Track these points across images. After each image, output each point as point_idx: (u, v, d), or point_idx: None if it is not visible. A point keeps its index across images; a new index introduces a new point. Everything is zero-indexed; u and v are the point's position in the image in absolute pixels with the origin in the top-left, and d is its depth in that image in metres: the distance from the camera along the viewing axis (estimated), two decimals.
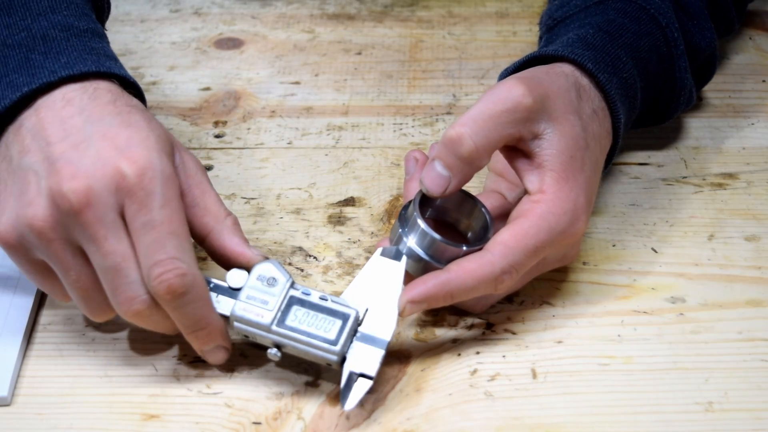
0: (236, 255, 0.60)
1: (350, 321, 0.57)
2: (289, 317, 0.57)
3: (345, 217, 0.72)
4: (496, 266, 0.58)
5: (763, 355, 0.61)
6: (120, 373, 0.61)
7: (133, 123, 0.57)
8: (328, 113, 0.82)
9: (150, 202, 0.55)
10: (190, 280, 0.55)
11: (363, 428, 0.57)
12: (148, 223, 0.54)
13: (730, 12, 0.79)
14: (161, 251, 0.54)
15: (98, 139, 0.56)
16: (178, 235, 0.55)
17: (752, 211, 0.72)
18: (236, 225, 0.61)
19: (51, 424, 0.58)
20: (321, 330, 0.57)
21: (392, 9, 0.95)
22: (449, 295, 0.58)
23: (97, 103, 0.58)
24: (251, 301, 0.58)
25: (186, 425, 0.58)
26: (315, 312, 0.57)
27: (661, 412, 0.58)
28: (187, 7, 0.96)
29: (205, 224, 0.60)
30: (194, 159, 0.61)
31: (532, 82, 0.60)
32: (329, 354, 0.56)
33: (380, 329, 0.57)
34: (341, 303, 0.58)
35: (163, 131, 0.59)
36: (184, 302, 0.56)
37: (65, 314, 0.64)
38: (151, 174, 0.55)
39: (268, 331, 0.57)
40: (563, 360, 0.61)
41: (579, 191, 0.60)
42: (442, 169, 0.59)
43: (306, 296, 0.58)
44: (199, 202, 0.60)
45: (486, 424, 0.57)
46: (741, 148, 0.78)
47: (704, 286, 0.66)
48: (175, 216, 0.55)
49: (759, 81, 0.85)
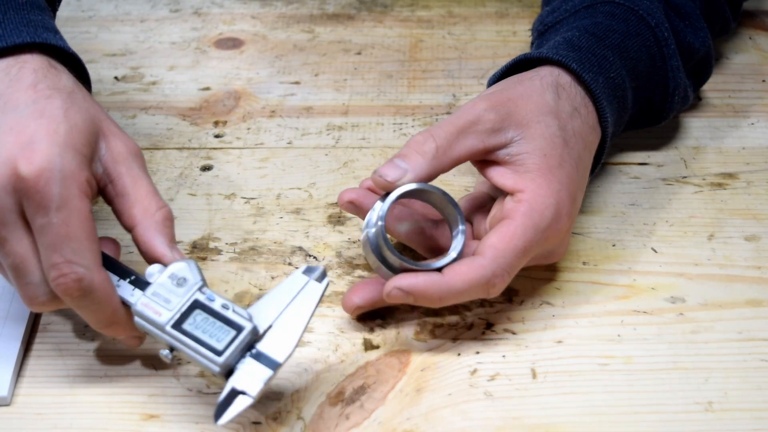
0: (157, 255, 0.57)
1: (243, 334, 0.54)
2: (188, 320, 0.55)
3: (345, 216, 0.72)
4: (488, 270, 0.58)
5: (763, 355, 0.61)
6: (120, 373, 0.61)
7: (47, 112, 0.56)
8: (328, 113, 0.82)
9: (45, 204, 0.53)
10: (86, 284, 0.54)
11: (363, 428, 0.57)
12: (45, 225, 0.53)
13: (724, 11, 0.79)
14: (57, 254, 0.53)
15: (5, 132, 0.55)
16: (76, 238, 0.54)
17: (752, 211, 0.72)
18: (166, 221, 0.58)
19: (51, 424, 0.58)
20: (213, 339, 0.54)
21: (392, 9, 0.95)
22: (437, 297, 0.58)
23: (16, 87, 0.57)
24: (155, 298, 0.56)
25: (186, 425, 0.58)
26: (213, 319, 0.55)
27: (661, 411, 0.58)
28: (187, 7, 0.96)
29: (133, 216, 0.58)
30: (128, 145, 0.59)
31: (497, 95, 0.62)
32: (212, 364, 0.54)
33: (277, 350, 0.54)
34: (241, 314, 0.55)
35: (82, 119, 0.57)
36: (84, 304, 0.55)
37: (65, 314, 0.64)
38: (47, 175, 0.53)
39: (162, 331, 0.55)
40: (563, 360, 0.61)
41: (559, 186, 0.60)
42: (401, 162, 0.60)
43: (209, 302, 0.56)
44: (130, 192, 0.58)
45: (486, 424, 0.57)
46: (741, 148, 0.78)
47: (704, 286, 0.66)
48: (73, 218, 0.54)
49: (759, 81, 0.85)
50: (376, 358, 0.61)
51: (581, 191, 0.64)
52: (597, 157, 0.67)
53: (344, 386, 0.60)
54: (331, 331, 0.63)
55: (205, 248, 0.69)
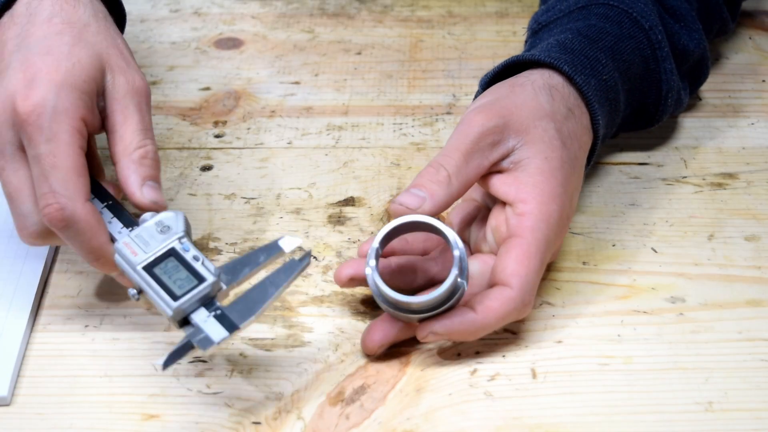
0: (127, 194, 0.59)
1: (203, 285, 0.56)
2: (159, 265, 0.57)
3: (345, 216, 0.72)
4: (518, 301, 0.58)
5: (763, 355, 0.61)
6: (120, 373, 0.61)
7: (54, 49, 0.59)
8: (328, 113, 0.82)
9: (37, 137, 0.57)
10: (68, 214, 0.56)
11: (363, 428, 0.57)
12: (36, 157, 0.57)
13: (722, 11, 0.79)
14: (44, 184, 0.56)
15: (15, 68, 0.59)
16: (61, 169, 0.56)
17: (752, 211, 0.72)
18: (143, 159, 0.59)
19: (51, 424, 0.58)
20: (175, 285, 0.56)
21: (392, 9, 0.95)
22: (472, 333, 0.59)
23: (33, 22, 0.61)
24: (136, 240, 0.58)
25: (186, 425, 0.58)
26: (182, 268, 0.57)
27: (661, 412, 0.58)
28: (187, 7, 0.96)
29: (115, 153, 0.60)
30: (131, 82, 0.61)
31: (491, 106, 0.62)
32: (167, 307, 0.55)
33: (239, 315, 0.55)
34: (209, 269, 0.57)
35: (88, 54, 0.59)
36: (69, 234, 0.57)
37: (65, 314, 0.64)
38: (39, 111, 0.57)
39: (133, 270, 0.57)
40: (563, 360, 0.61)
41: (560, 190, 0.61)
42: (418, 191, 0.60)
43: (184, 252, 0.57)
44: (117, 129, 0.60)
45: (486, 424, 0.57)
46: (741, 148, 0.78)
47: (704, 286, 0.66)
48: (60, 149, 0.57)
49: (759, 81, 0.85)
50: (376, 358, 0.61)
51: (578, 191, 0.64)
52: (588, 158, 0.67)
53: (344, 386, 0.60)
54: (331, 331, 0.63)
55: (205, 248, 0.69)
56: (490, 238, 0.62)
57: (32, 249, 0.67)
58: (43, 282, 0.66)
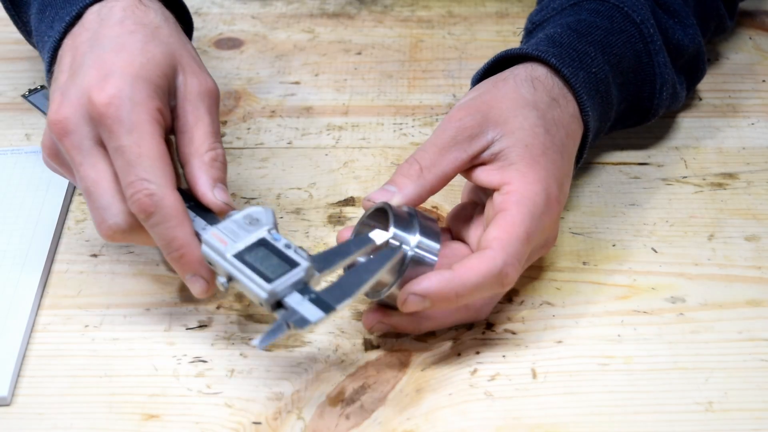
0: (198, 195, 0.60)
1: (297, 270, 0.56)
2: (251, 254, 0.57)
3: (345, 217, 0.72)
4: (498, 260, 0.57)
5: (763, 355, 0.61)
6: (120, 373, 0.61)
7: (127, 47, 0.60)
8: (328, 113, 0.82)
9: (117, 128, 0.57)
10: (158, 199, 0.56)
11: (363, 428, 0.57)
12: (119, 148, 0.57)
13: (718, 8, 0.79)
14: (131, 173, 0.57)
15: (90, 66, 0.59)
16: (149, 157, 0.57)
17: (752, 211, 0.72)
18: (215, 161, 0.60)
19: (51, 424, 0.58)
20: (268, 270, 0.56)
21: (392, 9, 0.95)
22: (454, 293, 0.57)
23: (104, 25, 0.62)
24: (225, 231, 0.58)
25: (186, 425, 0.58)
26: (273, 255, 0.57)
27: (661, 411, 0.58)
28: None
29: (185, 154, 0.60)
30: (203, 84, 0.61)
31: (471, 103, 0.63)
32: (260, 290, 0.55)
33: (334, 297, 0.56)
34: (301, 255, 0.57)
35: (161, 52, 0.60)
36: (155, 222, 0.57)
37: (65, 314, 0.64)
38: (117, 102, 0.57)
39: (223, 259, 0.57)
40: (563, 360, 0.61)
41: (545, 173, 0.61)
42: (389, 187, 0.61)
43: (275, 241, 0.58)
44: (188, 130, 0.60)
45: (486, 424, 0.57)
46: (741, 148, 0.78)
47: (704, 286, 0.66)
48: (145, 139, 0.57)
49: (759, 81, 0.85)
50: (376, 358, 0.61)
51: (568, 178, 0.64)
52: (580, 150, 0.68)
53: (344, 386, 0.60)
54: (331, 331, 0.63)
55: None
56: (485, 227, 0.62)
57: (32, 249, 0.67)
58: (43, 282, 0.66)
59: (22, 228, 0.69)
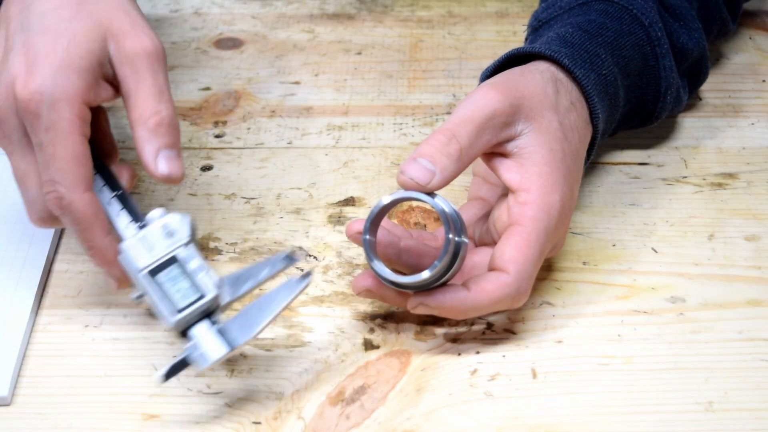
0: (143, 165, 0.58)
1: (204, 300, 0.56)
2: (163, 272, 0.56)
3: (345, 216, 0.72)
4: (513, 287, 0.58)
5: (763, 355, 0.61)
6: (120, 373, 0.61)
7: (51, 26, 0.58)
8: (328, 113, 0.82)
9: (37, 125, 0.57)
10: (66, 203, 0.56)
11: (363, 428, 0.57)
12: (38, 144, 0.57)
13: (721, 11, 0.79)
14: (45, 173, 0.57)
15: (17, 51, 0.58)
16: (62, 158, 0.56)
17: (752, 211, 0.72)
18: (159, 126, 0.58)
19: (51, 424, 0.58)
20: (178, 295, 0.56)
21: (392, 9, 0.95)
22: (462, 312, 0.59)
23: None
24: (142, 242, 0.57)
25: (186, 425, 0.58)
26: (185, 277, 0.56)
27: (661, 411, 0.58)
28: (187, 7, 0.96)
29: (131, 121, 0.58)
30: (139, 44, 0.58)
31: (506, 86, 0.62)
32: (168, 317, 0.56)
33: (240, 332, 0.56)
34: (211, 280, 0.57)
35: (84, 27, 0.58)
36: (65, 222, 0.58)
37: (65, 314, 0.64)
38: (38, 98, 0.56)
39: (135, 275, 0.57)
40: (563, 360, 0.61)
41: (562, 182, 0.61)
42: (428, 164, 0.58)
43: (187, 260, 0.57)
44: (131, 95, 0.58)
45: (486, 424, 0.57)
46: (741, 148, 0.78)
47: (704, 286, 0.66)
48: (59, 138, 0.56)
49: (759, 81, 0.85)
50: (376, 358, 0.61)
51: (578, 184, 0.64)
52: (587, 153, 0.67)
53: (344, 386, 0.60)
54: (331, 331, 0.63)
55: (206, 248, 0.69)
56: (492, 230, 0.62)
57: (32, 249, 0.67)
58: (43, 282, 0.66)
59: (22, 228, 0.69)
